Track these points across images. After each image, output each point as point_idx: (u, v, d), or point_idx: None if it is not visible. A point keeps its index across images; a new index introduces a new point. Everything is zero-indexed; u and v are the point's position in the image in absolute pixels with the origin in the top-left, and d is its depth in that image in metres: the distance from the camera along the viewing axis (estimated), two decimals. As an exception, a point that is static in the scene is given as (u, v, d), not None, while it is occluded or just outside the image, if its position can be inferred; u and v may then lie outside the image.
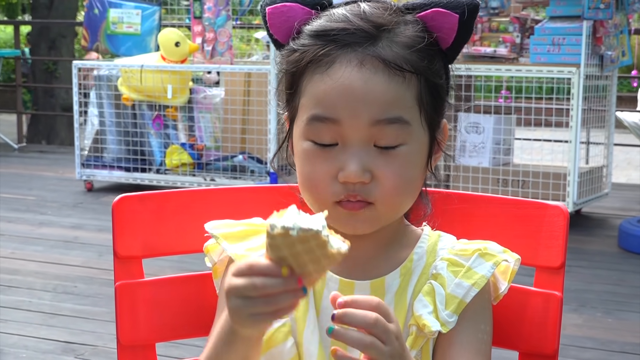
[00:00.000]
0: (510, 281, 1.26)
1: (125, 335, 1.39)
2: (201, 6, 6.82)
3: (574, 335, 3.91)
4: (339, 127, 1.16)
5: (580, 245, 5.50)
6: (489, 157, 6.15)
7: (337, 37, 1.16)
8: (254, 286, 1.01)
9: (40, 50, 11.61)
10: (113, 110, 7.20)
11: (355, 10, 1.19)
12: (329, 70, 1.16)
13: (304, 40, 1.20)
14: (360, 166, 1.15)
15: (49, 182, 7.68)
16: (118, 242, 1.40)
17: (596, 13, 5.66)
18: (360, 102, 1.14)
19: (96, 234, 5.71)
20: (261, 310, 1.02)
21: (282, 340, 1.22)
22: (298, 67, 1.19)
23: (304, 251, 1.01)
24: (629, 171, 10.20)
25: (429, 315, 1.19)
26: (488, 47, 6.12)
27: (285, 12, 1.22)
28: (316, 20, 1.21)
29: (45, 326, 3.98)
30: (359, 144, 1.16)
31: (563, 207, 1.34)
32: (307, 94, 1.19)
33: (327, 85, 1.16)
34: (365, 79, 1.15)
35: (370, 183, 1.16)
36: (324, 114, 1.16)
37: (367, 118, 1.15)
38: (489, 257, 1.24)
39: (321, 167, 1.17)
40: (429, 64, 1.19)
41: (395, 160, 1.17)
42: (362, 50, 1.16)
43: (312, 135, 1.18)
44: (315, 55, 1.17)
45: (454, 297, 1.20)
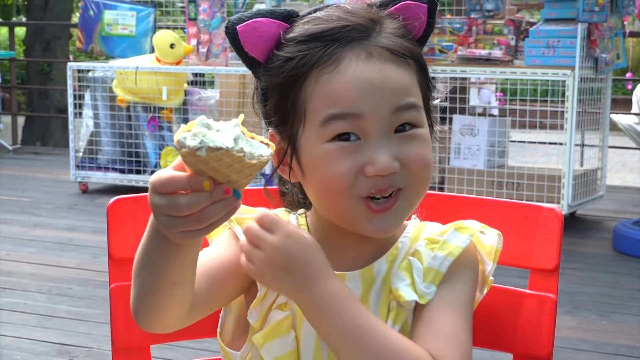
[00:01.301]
0: (496, 260, 1.27)
1: (120, 337, 1.39)
2: (196, 8, 6.82)
3: (568, 338, 3.92)
4: (360, 121, 1.15)
5: (575, 248, 5.51)
6: (483, 160, 6.16)
7: (340, 35, 1.17)
8: (178, 206, 0.99)
9: (34, 52, 11.60)
10: (108, 112, 7.20)
11: (342, 9, 1.21)
12: (339, 67, 1.16)
13: (297, 46, 1.18)
14: (389, 156, 1.15)
15: (44, 183, 7.67)
16: (113, 244, 1.40)
17: (591, 16, 5.67)
18: (379, 91, 1.15)
19: (91, 235, 5.70)
20: (193, 227, 1.00)
21: (285, 332, 1.22)
22: (299, 73, 1.17)
23: (221, 166, 0.97)
24: (624, 174, 10.22)
25: (405, 287, 1.20)
26: (483, 50, 6.13)
27: (257, 27, 1.19)
28: (303, 26, 1.20)
29: (40, 328, 3.98)
30: (381, 135, 1.16)
31: (557, 209, 1.34)
32: (317, 97, 1.17)
33: (341, 82, 1.15)
34: (378, 69, 1.16)
35: (399, 171, 1.16)
36: (343, 110, 1.15)
37: (388, 107, 1.16)
38: (464, 230, 1.25)
39: (346, 164, 1.15)
40: (419, 51, 1.23)
41: (416, 142, 1.18)
42: (367, 43, 1.17)
43: (331, 135, 1.16)
44: (319, 57, 1.17)
45: (431, 269, 1.21)
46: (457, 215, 1.38)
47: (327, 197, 1.19)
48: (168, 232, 1.03)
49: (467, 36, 6.23)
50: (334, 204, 1.19)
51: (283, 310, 1.23)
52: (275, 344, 1.22)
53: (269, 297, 1.24)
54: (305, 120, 1.18)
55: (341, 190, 1.16)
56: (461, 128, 6.23)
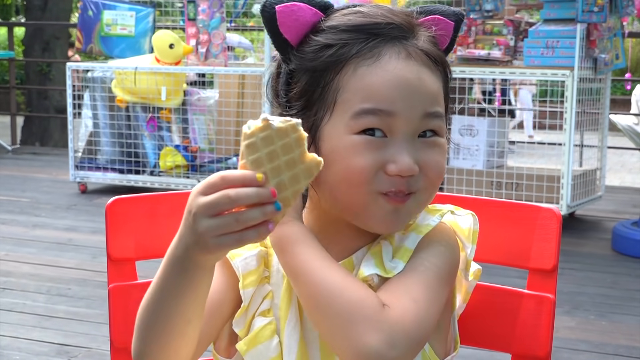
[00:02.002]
0: (475, 241, 1.26)
1: (119, 337, 1.40)
2: (195, 8, 6.82)
3: (567, 338, 3.92)
4: (392, 119, 1.16)
5: (574, 248, 5.51)
6: (482, 160, 6.16)
7: (383, 31, 1.18)
8: (228, 197, 1.00)
9: (33, 52, 11.60)
10: (107, 112, 7.20)
11: (385, 9, 1.22)
12: (379, 62, 1.17)
13: (339, 35, 1.19)
14: (412, 159, 1.16)
15: (43, 184, 7.67)
16: (111, 244, 1.40)
17: (590, 16, 5.67)
18: (415, 94, 1.16)
19: (90, 236, 5.70)
20: (231, 228, 1.00)
21: (268, 338, 1.22)
22: (337, 60, 1.18)
23: (281, 150, 1.01)
24: (623, 174, 10.23)
25: (368, 267, 1.18)
26: (482, 50, 6.13)
27: (295, 11, 1.21)
28: (345, 17, 1.21)
29: (39, 328, 3.98)
30: (407, 136, 1.17)
31: (556, 209, 1.34)
32: (352, 88, 1.17)
33: (379, 77, 1.16)
34: (416, 71, 1.17)
35: (417, 175, 1.17)
36: (377, 106, 1.16)
37: (420, 110, 1.17)
38: (434, 211, 1.25)
39: (369, 158, 1.16)
40: (448, 64, 1.24)
41: (436, 150, 1.19)
42: (407, 43, 1.18)
43: (360, 128, 1.16)
44: (360, 48, 1.17)
45: (400, 247, 1.21)
46: (455, 215, 1.39)
47: (346, 188, 1.18)
48: (203, 238, 1.02)
49: (466, 36, 6.24)
50: (352, 195, 1.18)
51: (266, 316, 1.23)
52: (259, 349, 1.22)
53: (253, 306, 1.24)
54: (334, 109, 1.18)
55: (361, 183, 1.16)
56: (460, 128, 6.23)
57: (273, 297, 1.24)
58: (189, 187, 6.76)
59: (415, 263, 1.18)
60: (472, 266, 1.28)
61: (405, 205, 1.18)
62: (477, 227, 1.26)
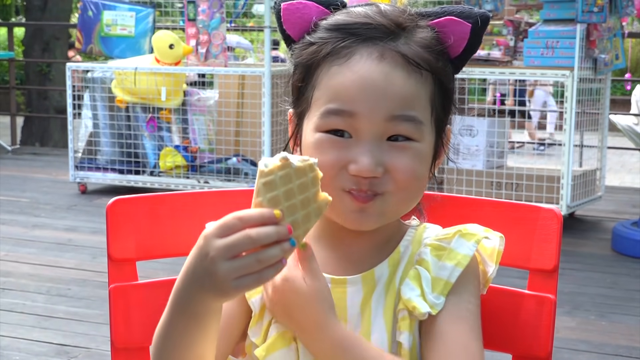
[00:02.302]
0: (498, 262, 1.26)
1: (119, 337, 1.39)
2: (195, 9, 6.82)
3: (567, 338, 3.92)
4: (354, 120, 1.16)
5: (574, 248, 5.51)
6: (482, 160, 6.16)
7: (358, 31, 1.18)
8: (250, 238, 1.00)
9: (33, 52, 11.59)
10: (107, 113, 7.20)
11: (375, 9, 1.21)
12: (348, 62, 1.17)
13: (321, 33, 1.21)
14: (373, 160, 1.15)
15: (43, 184, 7.67)
16: (112, 244, 1.40)
17: (590, 16, 5.67)
18: (379, 95, 1.15)
19: (90, 236, 5.70)
20: (252, 269, 1.01)
21: (286, 344, 1.22)
22: (315, 58, 1.20)
23: (298, 188, 1.02)
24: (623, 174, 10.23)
25: (417, 297, 1.20)
26: (482, 50, 6.13)
27: (300, 9, 1.23)
28: (335, 16, 1.22)
29: (39, 328, 3.98)
30: (372, 138, 1.16)
31: (556, 210, 1.34)
32: (323, 87, 1.19)
33: (346, 77, 1.17)
34: (385, 72, 1.16)
35: (382, 177, 1.17)
36: (341, 107, 1.16)
37: (384, 113, 1.16)
38: (470, 236, 1.24)
39: (332, 156, 1.17)
40: (443, 66, 1.21)
41: (407, 153, 1.18)
42: (383, 45, 1.17)
43: (325, 127, 1.18)
44: (334, 47, 1.18)
45: (439, 280, 1.21)
46: (456, 215, 1.38)
47: None
48: (222, 282, 1.02)
49: (466, 37, 6.23)
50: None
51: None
52: (276, 356, 1.22)
53: (267, 314, 1.24)
54: (311, 106, 1.21)
55: (325, 179, 1.16)
56: (460, 128, 6.22)
57: None
58: (189, 187, 6.76)
59: (460, 308, 1.21)
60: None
61: (371, 206, 1.18)
62: (501, 248, 1.26)
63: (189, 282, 1.06)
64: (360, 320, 1.23)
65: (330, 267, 1.24)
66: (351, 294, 1.23)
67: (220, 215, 1.38)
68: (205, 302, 1.06)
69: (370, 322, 1.22)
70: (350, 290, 1.22)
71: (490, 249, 1.27)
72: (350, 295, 1.23)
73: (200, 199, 1.46)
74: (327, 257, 1.17)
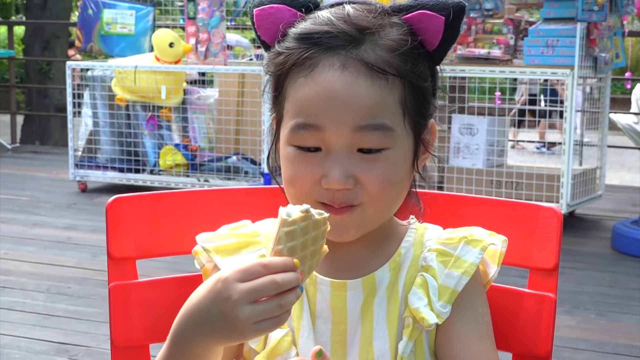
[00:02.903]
0: (500, 264, 1.26)
1: (119, 336, 1.39)
2: (195, 7, 6.82)
3: (567, 337, 3.92)
4: (322, 133, 1.15)
5: (574, 247, 5.51)
6: (482, 159, 6.16)
7: (321, 41, 1.15)
8: (275, 283, 1.02)
9: (34, 51, 11.60)
10: (107, 111, 7.20)
11: (339, 13, 1.18)
12: (312, 73, 1.15)
13: (288, 43, 1.19)
14: (343, 173, 1.14)
15: (43, 182, 7.67)
16: (112, 243, 1.40)
17: (590, 15, 5.67)
18: (342, 107, 1.13)
19: (90, 234, 5.70)
20: (273, 313, 1.02)
21: (286, 350, 1.22)
22: (282, 70, 1.19)
23: (312, 240, 1.05)
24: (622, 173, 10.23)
25: (425, 308, 1.20)
26: (482, 49, 6.13)
27: (272, 13, 1.21)
28: (301, 23, 1.20)
29: (39, 327, 3.98)
30: (341, 150, 1.15)
31: (556, 208, 1.34)
32: (291, 99, 1.18)
33: (310, 90, 1.15)
34: (348, 82, 1.13)
35: (355, 188, 1.15)
36: (306, 121, 1.15)
37: (349, 124, 1.14)
38: (476, 243, 1.24)
39: (304, 171, 1.17)
40: (413, 67, 1.18)
41: (379, 164, 1.16)
42: (345, 54, 1.14)
43: (295, 142, 1.17)
44: (298, 59, 1.16)
45: (446, 288, 1.21)
46: (456, 214, 1.38)
47: (290, 196, 1.21)
48: (242, 325, 1.02)
49: (466, 35, 6.23)
50: (298, 198, 1.19)
51: (282, 327, 1.23)
52: None
53: None
54: (284, 117, 1.20)
55: (301, 193, 1.18)
56: (460, 127, 6.23)
57: None
58: (189, 185, 6.76)
59: (478, 323, 1.22)
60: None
61: (348, 217, 1.17)
62: (504, 250, 1.26)
63: (197, 324, 1.06)
64: (360, 324, 1.22)
65: (330, 270, 1.24)
66: (351, 298, 1.22)
67: (219, 214, 1.38)
68: (209, 345, 1.07)
69: (373, 328, 1.22)
70: (350, 294, 1.22)
71: (492, 250, 1.26)
72: (350, 299, 1.22)
73: (200, 198, 1.46)
74: (327, 260, 1.17)
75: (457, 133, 6.22)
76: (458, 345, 1.20)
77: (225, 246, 1.26)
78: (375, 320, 1.22)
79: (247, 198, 1.46)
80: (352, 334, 1.22)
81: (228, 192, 1.48)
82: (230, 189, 1.49)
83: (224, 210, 1.42)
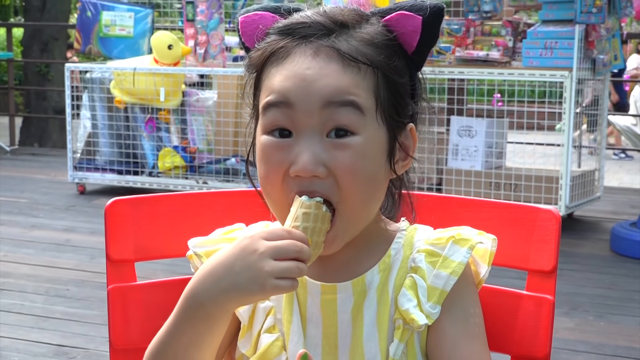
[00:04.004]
0: (490, 264, 1.26)
1: (118, 338, 1.39)
2: (194, 9, 6.82)
3: (566, 339, 3.92)
4: (292, 111, 1.14)
5: (573, 249, 5.51)
6: (481, 161, 6.16)
7: (295, 31, 1.17)
8: (297, 247, 1.09)
9: (32, 53, 11.59)
10: (105, 113, 7.20)
11: (317, 10, 1.21)
12: (284, 61, 1.16)
13: (266, 38, 1.20)
14: (312, 158, 1.13)
15: (41, 184, 7.67)
16: (111, 245, 1.40)
17: (588, 17, 5.67)
18: (312, 85, 1.13)
19: (88, 236, 5.70)
20: (291, 273, 1.08)
21: (276, 355, 1.22)
22: (258, 63, 1.20)
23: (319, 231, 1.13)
24: (621, 175, 10.23)
25: (414, 309, 1.19)
26: (481, 51, 6.13)
27: (256, 19, 1.23)
28: (280, 22, 1.21)
29: (37, 329, 3.97)
30: (312, 133, 1.14)
31: (555, 210, 1.34)
32: (264, 88, 1.19)
33: (282, 75, 1.15)
34: (319, 67, 1.14)
35: (326, 179, 1.14)
36: (276, 98, 1.15)
37: (318, 99, 1.13)
38: (464, 242, 1.23)
39: (275, 161, 1.16)
40: (387, 59, 1.17)
41: (348, 150, 1.14)
42: (317, 41, 1.16)
43: (267, 124, 1.17)
44: (273, 49, 1.18)
45: (435, 289, 1.21)
46: (454, 216, 1.38)
47: (266, 190, 1.20)
48: (266, 276, 1.08)
49: (464, 37, 6.24)
50: (273, 196, 1.19)
51: (272, 333, 1.23)
52: None
53: (256, 324, 1.24)
54: (258, 111, 1.21)
55: (274, 186, 1.18)
56: (459, 129, 6.23)
57: (275, 313, 1.24)
58: (188, 188, 6.76)
59: (472, 323, 1.22)
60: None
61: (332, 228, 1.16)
62: (494, 249, 1.26)
63: (217, 279, 1.11)
64: (351, 327, 1.22)
65: (320, 274, 1.23)
66: (341, 301, 1.22)
67: (217, 216, 1.39)
68: (224, 302, 1.11)
69: (363, 331, 1.21)
70: (341, 297, 1.22)
71: (482, 250, 1.26)
72: (340, 301, 1.22)
73: (199, 200, 1.46)
74: (316, 264, 1.16)
75: (455, 135, 6.23)
76: (449, 346, 1.20)
77: (217, 251, 1.25)
78: (365, 323, 1.21)
79: (246, 200, 1.46)
80: (343, 337, 1.22)
81: (227, 194, 1.48)
82: (229, 191, 1.49)
83: (223, 213, 1.42)
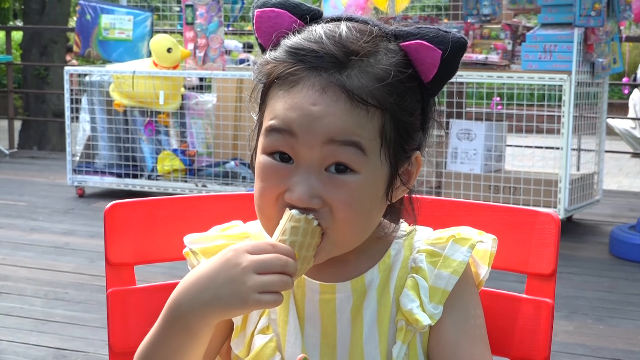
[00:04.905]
0: (490, 264, 1.26)
1: (117, 341, 1.39)
2: (193, 12, 6.82)
3: (565, 342, 3.92)
4: (294, 140, 1.13)
5: (572, 252, 5.51)
6: (480, 164, 6.16)
7: (306, 58, 1.13)
8: (281, 260, 1.08)
9: (31, 56, 11.60)
10: (105, 116, 7.19)
11: (332, 31, 1.15)
12: (292, 89, 1.14)
13: (278, 53, 1.17)
14: (309, 191, 1.12)
15: (40, 188, 7.67)
16: (110, 248, 1.40)
17: (587, 20, 5.67)
18: (316, 121, 1.12)
19: (87, 240, 5.70)
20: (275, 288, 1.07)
21: (270, 356, 1.22)
22: (267, 79, 1.18)
23: (307, 245, 1.12)
24: (620, 178, 10.22)
25: (417, 309, 1.19)
26: (480, 54, 6.13)
27: (272, 17, 1.20)
28: (295, 35, 1.17)
29: (36, 332, 3.97)
30: (311, 165, 1.13)
31: (554, 214, 1.34)
32: (269, 109, 1.17)
33: (287, 104, 1.14)
34: (326, 104, 1.12)
35: (321, 209, 1.14)
36: (280, 125, 1.14)
37: (322, 135, 1.11)
38: (464, 241, 1.23)
39: (271, 183, 1.15)
40: (399, 100, 1.14)
41: (346, 188, 1.13)
42: (327, 77, 1.12)
43: (268, 146, 1.16)
44: (282, 72, 1.15)
45: (437, 289, 1.21)
46: (453, 220, 1.38)
47: (258, 206, 1.20)
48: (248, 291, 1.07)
49: (464, 41, 6.23)
50: (263, 214, 1.19)
51: (265, 333, 1.23)
52: None
53: (250, 325, 1.24)
54: (262, 125, 1.19)
55: (269, 203, 1.17)
56: (458, 132, 6.23)
57: (269, 313, 1.24)
58: (187, 191, 6.76)
59: (474, 325, 1.22)
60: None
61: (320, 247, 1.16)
62: (494, 250, 1.25)
63: (200, 290, 1.10)
64: (350, 327, 1.22)
65: (318, 273, 1.23)
66: (340, 301, 1.22)
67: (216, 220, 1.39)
68: (206, 315, 1.10)
69: (363, 332, 1.21)
70: (340, 297, 1.21)
71: (482, 250, 1.26)
72: (339, 301, 1.22)
73: (198, 203, 1.46)
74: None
75: (455, 138, 6.23)
76: (450, 349, 1.20)
77: (213, 248, 1.25)
78: (365, 323, 1.21)
79: (245, 203, 1.46)
80: (342, 337, 1.22)
81: (226, 197, 1.49)
82: (228, 195, 1.49)
83: (222, 216, 1.42)
